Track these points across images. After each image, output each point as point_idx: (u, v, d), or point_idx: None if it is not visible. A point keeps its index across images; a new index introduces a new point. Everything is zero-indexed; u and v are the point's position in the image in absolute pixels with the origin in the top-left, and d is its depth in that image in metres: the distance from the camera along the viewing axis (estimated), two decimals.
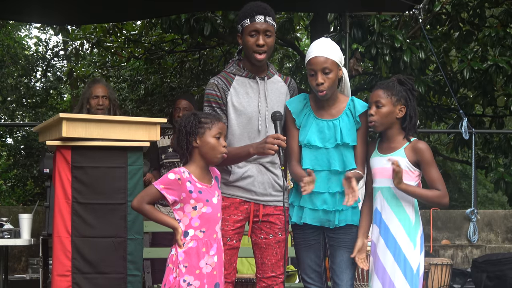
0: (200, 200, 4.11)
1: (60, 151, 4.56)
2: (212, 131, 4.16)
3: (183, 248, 4.08)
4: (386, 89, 4.44)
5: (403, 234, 4.41)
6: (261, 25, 4.47)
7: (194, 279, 4.06)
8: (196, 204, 4.10)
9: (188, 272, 4.05)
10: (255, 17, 4.46)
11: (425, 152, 4.42)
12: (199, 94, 12.64)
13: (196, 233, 4.11)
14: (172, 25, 10.03)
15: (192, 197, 4.09)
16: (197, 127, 4.15)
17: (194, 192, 4.10)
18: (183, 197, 4.08)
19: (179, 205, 4.11)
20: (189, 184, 4.09)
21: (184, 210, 4.11)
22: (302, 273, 4.66)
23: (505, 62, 9.69)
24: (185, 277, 4.04)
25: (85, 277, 4.52)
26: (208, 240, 4.14)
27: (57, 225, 4.53)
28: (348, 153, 4.51)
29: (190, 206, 4.10)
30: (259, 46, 4.47)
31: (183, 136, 4.16)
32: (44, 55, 19.24)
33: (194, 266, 4.07)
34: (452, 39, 11.30)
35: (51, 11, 8.12)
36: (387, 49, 9.03)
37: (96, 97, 6.52)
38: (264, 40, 4.47)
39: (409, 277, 4.37)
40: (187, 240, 4.09)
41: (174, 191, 4.07)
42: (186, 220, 4.11)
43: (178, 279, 4.05)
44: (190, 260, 4.07)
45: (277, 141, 4.29)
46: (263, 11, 4.48)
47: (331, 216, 4.49)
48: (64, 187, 4.53)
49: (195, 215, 4.11)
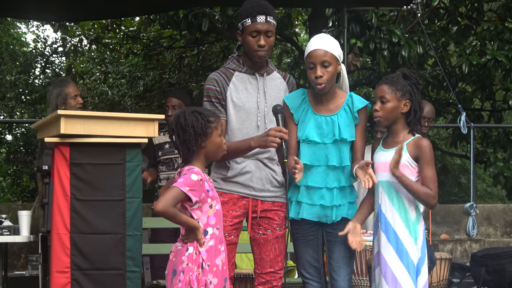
0: (214, 198, 4.10)
1: (58, 148, 4.56)
2: (218, 129, 4.12)
3: (204, 247, 4.06)
4: (391, 84, 4.44)
5: (403, 228, 4.42)
6: (263, 26, 4.46)
7: (213, 277, 4.04)
8: (212, 202, 4.08)
9: (210, 271, 4.04)
10: (257, 17, 4.46)
11: (426, 149, 4.42)
12: (198, 90, 12.63)
13: (213, 231, 4.09)
14: (170, 21, 10.01)
15: (209, 196, 4.07)
16: (206, 127, 4.07)
17: (210, 190, 4.08)
18: (202, 197, 4.04)
19: (198, 204, 4.06)
20: (206, 183, 4.07)
21: (202, 209, 4.06)
22: (301, 268, 4.67)
23: (504, 56, 9.68)
24: (209, 275, 4.02)
25: (84, 273, 4.52)
26: (221, 236, 4.14)
27: (55, 222, 4.53)
28: (345, 149, 4.53)
29: (207, 205, 4.06)
30: (260, 46, 4.47)
31: (191, 137, 4.05)
32: (43, 51, 19.23)
33: (213, 264, 4.06)
34: (450, 33, 11.29)
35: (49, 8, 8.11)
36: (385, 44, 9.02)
37: (76, 96, 6.49)
38: (265, 41, 4.48)
39: (412, 271, 4.38)
40: (207, 239, 4.07)
41: (197, 191, 4.01)
42: (204, 219, 4.07)
43: (204, 279, 4.01)
44: (211, 259, 4.05)
45: (279, 134, 4.30)
46: (264, 11, 4.47)
47: (329, 211, 4.51)
48: (63, 184, 4.54)
49: (211, 213, 4.08)
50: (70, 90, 6.50)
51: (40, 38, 20.20)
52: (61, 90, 6.51)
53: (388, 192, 4.47)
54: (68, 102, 6.46)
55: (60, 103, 6.46)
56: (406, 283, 4.35)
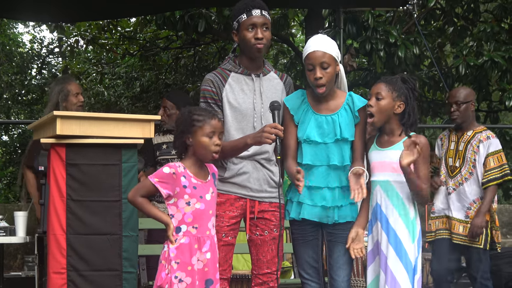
0: (194, 195, 4.11)
1: (54, 149, 4.56)
2: (204, 129, 4.15)
3: (175, 244, 4.08)
4: (388, 84, 4.47)
5: (403, 227, 4.43)
6: (259, 19, 4.48)
7: (186, 276, 4.05)
8: (190, 200, 4.10)
9: (179, 269, 4.05)
10: (252, 11, 4.48)
11: (424, 147, 4.42)
12: (194, 91, 12.64)
13: (188, 229, 4.11)
14: (167, 21, 10.01)
15: (186, 192, 4.09)
16: (190, 125, 4.15)
17: (188, 187, 4.10)
18: (177, 191, 4.09)
19: (173, 199, 4.11)
20: (183, 179, 4.09)
21: (177, 205, 4.11)
22: (300, 269, 4.67)
23: (500, 57, 9.69)
24: (176, 273, 4.04)
25: (80, 274, 4.53)
26: (201, 236, 4.13)
27: (52, 222, 4.53)
28: (347, 148, 4.53)
29: (183, 201, 4.10)
30: (258, 39, 4.48)
31: (178, 134, 4.18)
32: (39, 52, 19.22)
33: (186, 262, 4.07)
34: (446, 34, 11.30)
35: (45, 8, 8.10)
36: (382, 44, 9.02)
37: (77, 93, 6.50)
38: (262, 33, 4.48)
39: (410, 270, 4.39)
40: (180, 236, 4.09)
41: (168, 184, 4.07)
42: (179, 216, 4.11)
43: (170, 276, 4.04)
44: (182, 256, 4.07)
45: (274, 131, 4.30)
46: (258, 5, 4.50)
47: (330, 212, 4.50)
48: (59, 185, 4.54)
49: (188, 210, 4.11)
50: (72, 87, 6.51)
51: (36, 39, 20.20)
52: (63, 86, 6.52)
53: (387, 191, 4.47)
54: (69, 99, 6.47)
55: (62, 99, 6.48)
56: (404, 283, 4.36)
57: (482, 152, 6.09)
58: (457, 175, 6.13)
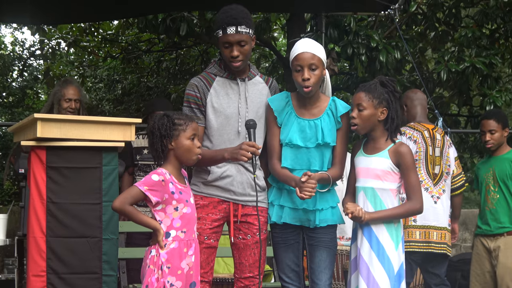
0: (181, 200, 4.12)
1: (35, 152, 4.54)
2: (187, 132, 4.16)
3: (165, 249, 4.08)
4: (368, 92, 4.46)
5: (385, 234, 4.44)
6: (233, 37, 4.45)
7: (176, 280, 4.06)
8: (178, 205, 4.11)
9: (170, 273, 4.05)
10: (227, 29, 4.44)
11: (406, 156, 4.44)
12: (176, 93, 12.62)
13: (177, 234, 4.12)
14: (149, 24, 9.99)
15: (174, 198, 4.10)
16: (171, 129, 4.15)
17: (176, 193, 4.11)
18: (165, 198, 4.09)
19: (161, 206, 4.11)
20: (171, 185, 4.10)
21: (165, 211, 4.11)
22: (280, 273, 4.68)
23: (481, 62, 9.72)
24: (168, 278, 4.04)
25: (60, 277, 4.51)
26: (188, 240, 4.15)
27: (31, 225, 4.51)
28: (328, 153, 4.56)
29: (172, 207, 4.11)
30: (233, 57, 4.47)
31: (157, 139, 4.16)
32: (21, 54, 19.14)
33: (176, 267, 4.08)
34: (428, 39, 11.35)
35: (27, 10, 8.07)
36: (363, 49, 9.03)
37: (69, 100, 6.48)
38: (238, 51, 4.46)
39: (391, 277, 4.40)
40: (169, 241, 4.09)
41: (158, 192, 4.07)
42: (167, 221, 4.11)
43: (163, 281, 4.04)
44: (173, 261, 4.07)
45: (251, 149, 4.32)
46: (234, 22, 4.44)
47: (311, 215, 4.52)
48: (39, 187, 4.52)
49: (176, 215, 4.11)
50: (65, 92, 6.50)
51: (18, 41, 20.11)
52: (59, 89, 6.55)
53: (371, 197, 4.48)
54: (61, 103, 6.48)
55: (55, 102, 6.50)
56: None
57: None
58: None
